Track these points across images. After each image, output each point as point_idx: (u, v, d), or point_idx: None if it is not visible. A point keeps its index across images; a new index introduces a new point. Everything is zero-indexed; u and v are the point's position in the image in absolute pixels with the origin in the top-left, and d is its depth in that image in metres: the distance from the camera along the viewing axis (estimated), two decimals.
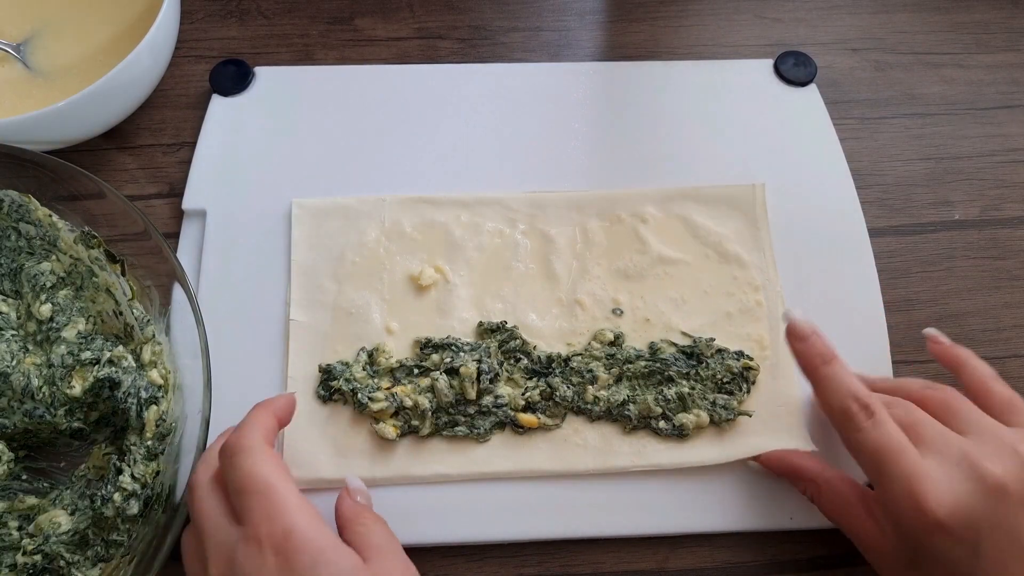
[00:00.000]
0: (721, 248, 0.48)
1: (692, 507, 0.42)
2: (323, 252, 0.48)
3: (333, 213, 0.49)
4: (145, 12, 0.54)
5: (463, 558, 0.42)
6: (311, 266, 0.48)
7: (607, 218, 0.49)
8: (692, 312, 0.47)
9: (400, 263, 0.48)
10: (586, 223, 0.49)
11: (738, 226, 0.49)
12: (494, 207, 0.50)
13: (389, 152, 0.52)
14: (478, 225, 0.49)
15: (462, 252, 0.48)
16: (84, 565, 0.38)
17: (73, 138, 0.50)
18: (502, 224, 0.49)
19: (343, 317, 0.46)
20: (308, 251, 0.48)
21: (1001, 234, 0.52)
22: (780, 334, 0.44)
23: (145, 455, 0.39)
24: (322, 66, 0.57)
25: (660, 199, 0.50)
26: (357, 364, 0.44)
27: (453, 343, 0.45)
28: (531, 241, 0.49)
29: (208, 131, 0.53)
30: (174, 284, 0.42)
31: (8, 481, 0.41)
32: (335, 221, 0.49)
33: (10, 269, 0.44)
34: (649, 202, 0.50)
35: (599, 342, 0.45)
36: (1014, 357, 0.48)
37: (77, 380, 0.41)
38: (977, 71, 0.59)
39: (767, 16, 0.61)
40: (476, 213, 0.49)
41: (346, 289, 0.47)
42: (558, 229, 0.49)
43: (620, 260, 0.48)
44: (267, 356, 0.46)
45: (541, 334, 0.46)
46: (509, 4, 0.61)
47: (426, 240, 0.48)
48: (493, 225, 0.49)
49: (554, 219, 0.49)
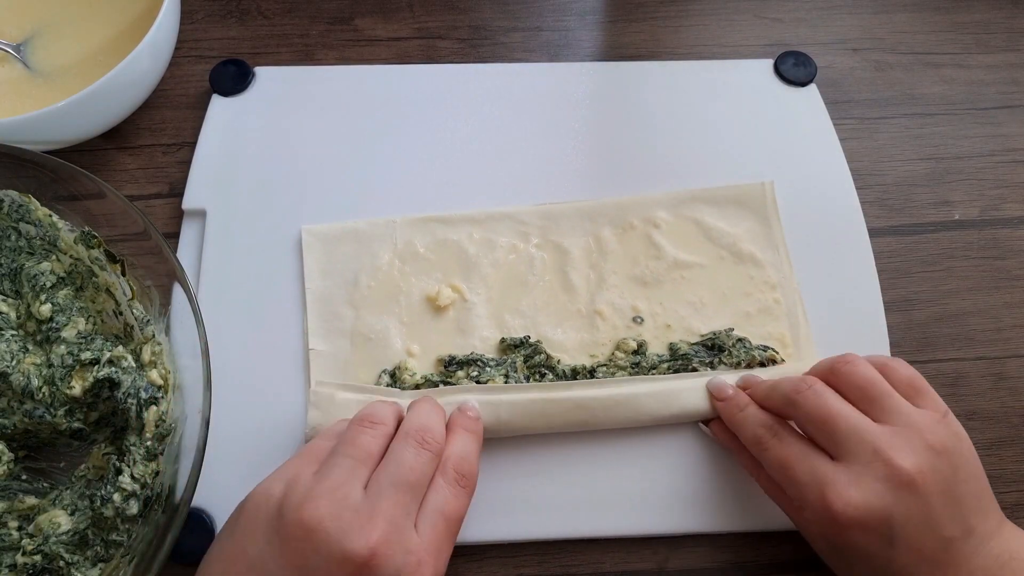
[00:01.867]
0: (735, 248, 0.48)
1: (692, 507, 0.42)
2: (337, 278, 0.47)
3: (344, 238, 0.48)
4: (145, 12, 0.54)
5: (463, 558, 0.42)
6: (326, 294, 0.47)
7: (619, 225, 0.49)
8: (712, 315, 0.47)
9: (416, 284, 0.47)
10: (599, 232, 0.49)
11: (750, 225, 0.49)
12: (505, 222, 0.49)
13: (389, 153, 0.52)
14: (491, 241, 0.48)
15: (477, 269, 0.48)
16: (84, 565, 0.38)
17: (73, 138, 0.50)
18: (515, 238, 0.49)
19: (362, 343, 0.46)
20: (321, 279, 0.47)
21: (1001, 234, 0.52)
22: (801, 331, 0.46)
23: (145, 455, 0.39)
24: (322, 66, 0.57)
25: (671, 203, 0.50)
26: (380, 385, 0.44)
27: (479, 358, 0.45)
28: (546, 254, 0.48)
29: (208, 131, 0.53)
30: (174, 284, 0.42)
31: (8, 481, 0.41)
32: (346, 246, 0.48)
33: (10, 269, 0.44)
34: (660, 207, 0.50)
35: (623, 351, 0.45)
36: (1014, 357, 0.48)
37: (77, 380, 0.41)
38: (977, 71, 0.59)
39: (767, 16, 0.61)
40: (488, 229, 0.49)
41: (363, 315, 0.46)
42: (571, 240, 0.49)
43: (636, 267, 0.48)
44: (268, 355, 0.46)
45: (563, 347, 0.46)
46: (509, 4, 0.61)
47: (440, 259, 0.48)
48: (506, 240, 0.49)
49: (567, 230, 0.49)
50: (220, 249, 0.49)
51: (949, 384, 0.47)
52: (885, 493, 0.35)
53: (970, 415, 0.46)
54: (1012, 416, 0.46)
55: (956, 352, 0.48)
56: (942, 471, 0.35)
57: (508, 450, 0.43)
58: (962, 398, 0.47)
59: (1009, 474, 0.45)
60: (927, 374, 0.46)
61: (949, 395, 0.47)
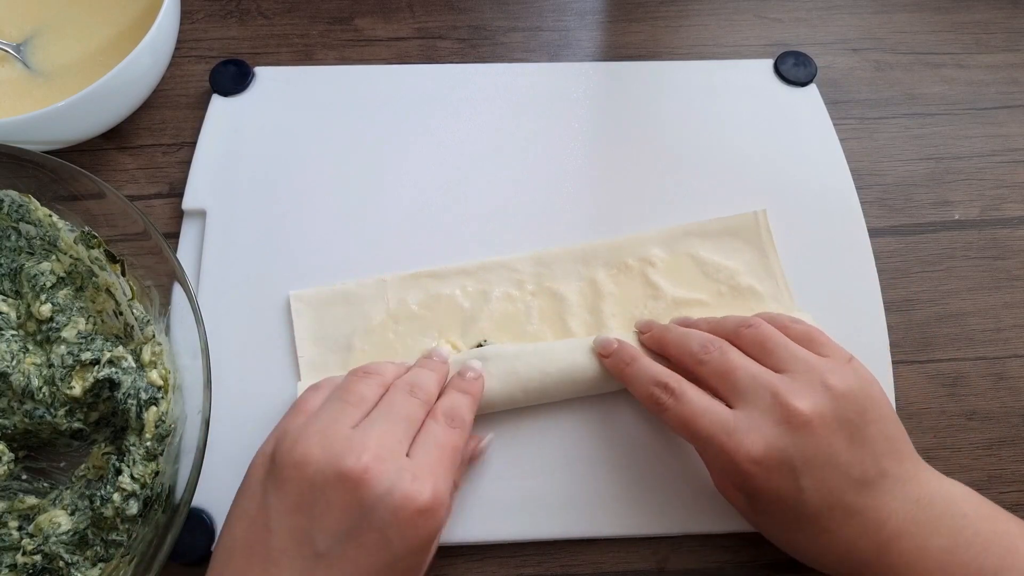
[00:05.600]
0: (734, 282, 0.47)
1: (692, 507, 0.42)
2: (330, 344, 0.46)
3: (334, 301, 0.47)
4: (145, 12, 0.54)
5: (463, 558, 0.42)
6: (319, 361, 0.45)
7: (615, 266, 0.48)
8: None
9: (412, 345, 0.46)
10: (594, 275, 0.48)
11: (747, 257, 0.48)
12: (498, 271, 0.48)
13: (390, 154, 0.52)
14: (486, 293, 0.47)
15: (474, 323, 0.46)
16: (84, 565, 0.38)
17: (73, 138, 0.50)
18: (510, 287, 0.47)
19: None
20: (313, 345, 0.46)
21: (1001, 234, 0.52)
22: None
23: (144, 455, 0.39)
24: (322, 66, 0.57)
25: (664, 240, 0.49)
26: None
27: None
28: (542, 302, 0.47)
29: (208, 131, 0.53)
30: (174, 284, 0.42)
31: (8, 481, 0.41)
32: (337, 309, 0.46)
33: (10, 269, 0.44)
34: (654, 245, 0.48)
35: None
36: (1014, 357, 0.48)
37: (77, 380, 0.41)
38: (977, 71, 0.59)
39: (767, 16, 0.61)
40: (482, 280, 0.47)
41: None
42: (567, 285, 0.47)
43: (635, 308, 0.47)
44: (267, 356, 0.46)
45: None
46: (509, 4, 0.61)
47: (435, 316, 0.46)
48: (501, 290, 0.47)
49: (561, 275, 0.48)
50: (220, 249, 0.49)
51: (949, 384, 0.47)
52: (783, 435, 0.35)
53: (970, 415, 0.46)
54: (1012, 416, 0.46)
55: (956, 352, 0.48)
56: (844, 412, 0.36)
57: (508, 450, 0.43)
58: (962, 398, 0.47)
59: (1009, 474, 0.45)
60: (927, 374, 0.47)
61: (949, 395, 0.47)
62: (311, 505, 0.33)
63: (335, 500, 0.33)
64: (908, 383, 0.47)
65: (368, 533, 0.33)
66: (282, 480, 0.34)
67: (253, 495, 0.35)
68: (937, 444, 0.45)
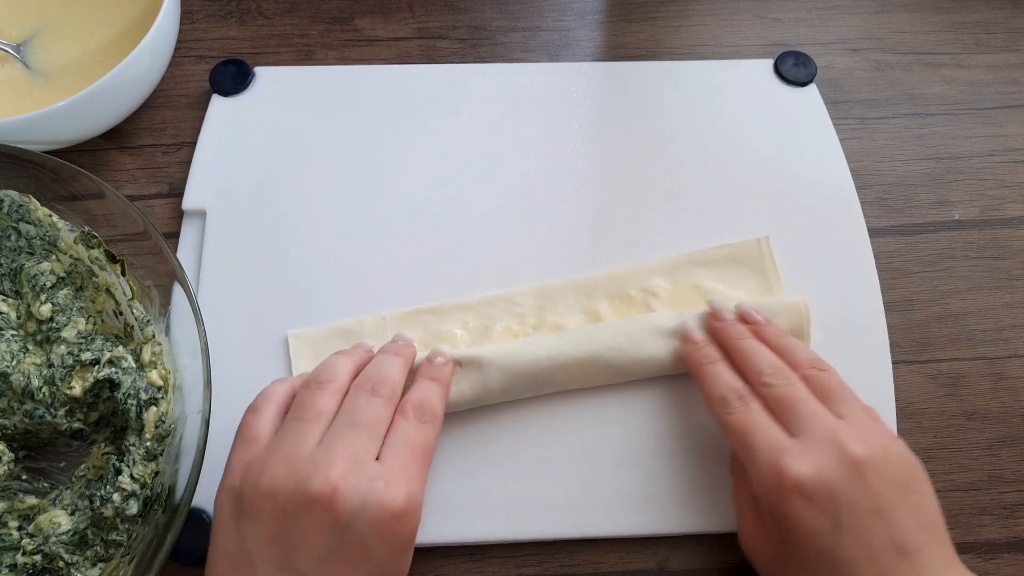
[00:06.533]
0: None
1: (692, 507, 0.42)
2: None
3: (332, 340, 0.46)
4: (145, 12, 0.54)
5: (463, 558, 0.42)
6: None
7: (617, 298, 0.47)
8: None
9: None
10: (596, 307, 0.47)
11: (750, 285, 0.48)
12: (499, 305, 0.47)
13: (390, 153, 0.52)
14: (487, 328, 0.46)
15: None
16: (84, 565, 0.38)
17: (73, 138, 0.50)
18: (511, 321, 0.46)
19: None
20: None
21: (1001, 234, 0.52)
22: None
23: (144, 456, 0.39)
24: (322, 66, 0.57)
25: (667, 269, 0.48)
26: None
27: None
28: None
29: (208, 131, 0.53)
30: (174, 284, 0.42)
31: (8, 481, 0.41)
32: (336, 346, 0.45)
33: (10, 269, 0.44)
34: (656, 275, 0.48)
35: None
36: (1014, 357, 0.48)
37: (77, 380, 0.41)
38: (977, 71, 0.59)
39: (767, 16, 0.61)
40: (482, 315, 0.46)
41: None
42: (569, 318, 0.46)
43: None
44: (267, 356, 0.46)
45: None
46: (509, 4, 0.61)
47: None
48: (502, 325, 0.46)
49: (563, 308, 0.47)
50: (220, 249, 0.49)
51: (949, 384, 0.47)
52: (835, 469, 0.35)
53: (970, 415, 0.46)
54: (1012, 416, 0.46)
55: (956, 352, 0.48)
56: (897, 471, 0.35)
57: (508, 450, 0.43)
58: (962, 398, 0.47)
59: (1009, 474, 0.45)
60: (927, 374, 0.47)
61: (949, 395, 0.47)
62: (288, 533, 0.33)
63: (310, 524, 0.33)
64: (908, 383, 0.47)
65: (349, 548, 0.33)
66: (255, 513, 0.33)
67: (228, 533, 0.34)
68: (937, 444, 0.45)
